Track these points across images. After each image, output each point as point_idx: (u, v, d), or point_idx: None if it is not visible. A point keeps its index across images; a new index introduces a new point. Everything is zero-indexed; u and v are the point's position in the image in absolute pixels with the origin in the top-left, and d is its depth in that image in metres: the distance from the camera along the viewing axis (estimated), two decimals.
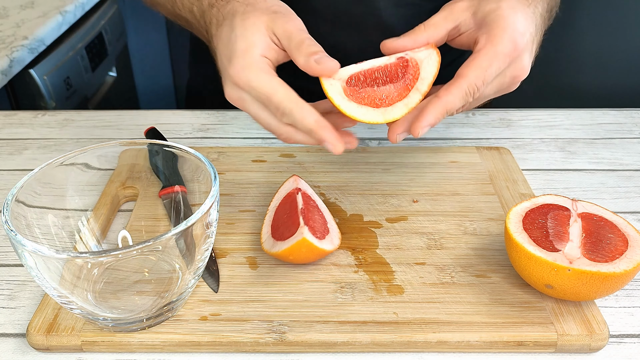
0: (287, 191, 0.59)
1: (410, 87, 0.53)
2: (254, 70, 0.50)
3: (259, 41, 0.51)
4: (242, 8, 0.54)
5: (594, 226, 0.51)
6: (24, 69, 1.16)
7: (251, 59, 0.51)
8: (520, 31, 0.52)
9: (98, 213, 0.59)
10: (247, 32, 0.51)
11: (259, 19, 0.52)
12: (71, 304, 0.46)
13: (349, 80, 0.53)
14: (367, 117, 0.53)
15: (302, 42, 0.51)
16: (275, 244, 0.53)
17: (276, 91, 0.50)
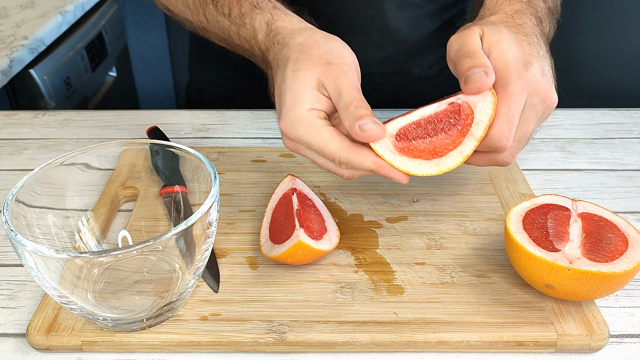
0: (283, 192, 0.59)
1: (464, 133, 0.51)
2: (302, 125, 0.51)
3: (306, 95, 0.51)
4: (295, 55, 0.53)
5: (594, 226, 0.51)
6: (24, 69, 1.16)
7: (299, 115, 0.51)
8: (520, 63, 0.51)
9: (98, 213, 0.59)
10: (296, 86, 0.51)
11: (310, 71, 0.52)
12: (71, 304, 0.46)
13: (398, 135, 0.51)
14: (421, 170, 0.51)
15: (350, 104, 0.49)
16: (273, 248, 0.53)
17: (328, 144, 0.50)
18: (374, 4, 0.82)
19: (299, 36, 0.55)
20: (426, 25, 0.87)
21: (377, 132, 0.49)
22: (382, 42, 0.86)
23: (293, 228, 0.52)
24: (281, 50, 0.55)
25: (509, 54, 0.52)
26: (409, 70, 0.90)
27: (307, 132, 0.51)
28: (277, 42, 0.56)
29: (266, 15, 0.57)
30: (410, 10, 0.84)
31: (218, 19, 0.63)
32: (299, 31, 0.55)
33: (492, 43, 0.52)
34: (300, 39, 0.54)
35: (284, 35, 0.55)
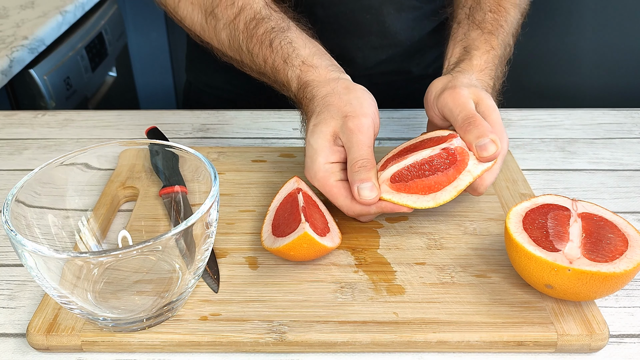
0: (288, 191, 0.59)
1: (459, 171, 0.55)
2: (318, 178, 0.58)
3: (321, 150, 0.57)
4: (319, 109, 0.59)
5: (594, 226, 0.51)
6: (24, 69, 1.16)
7: (316, 168, 0.57)
8: None
9: (98, 213, 0.59)
10: (313, 140, 0.58)
11: (327, 126, 0.57)
12: (71, 304, 0.46)
13: (393, 178, 0.56)
14: (418, 204, 0.55)
15: (355, 163, 0.56)
16: (276, 241, 0.53)
17: (337, 199, 0.57)
18: (372, 9, 0.82)
19: (323, 89, 0.60)
20: (424, 26, 0.87)
21: (370, 200, 0.55)
22: (381, 45, 0.86)
23: (298, 222, 0.52)
24: (309, 104, 0.61)
25: (499, 118, 0.59)
26: (407, 70, 0.90)
27: (320, 185, 0.58)
28: (306, 97, 0.61)
29: (296, 72, 0.62)
30: (408, 13, 0.84)
31: (255, 62, 0.67)
32: (325, 83, 0.61)
33: (490, 107, 0.59)
34: (324, 91, 0.60)
35: (312, 88, 0.61)
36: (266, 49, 0.64)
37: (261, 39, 0.64)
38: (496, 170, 0.58)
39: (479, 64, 0.65)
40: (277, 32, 0.64)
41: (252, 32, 0.65)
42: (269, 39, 0.64)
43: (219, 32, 0.68)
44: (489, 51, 0.67)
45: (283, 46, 0.63)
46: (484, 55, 0.66)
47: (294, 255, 0.53)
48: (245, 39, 0.66)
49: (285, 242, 0.52)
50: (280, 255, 0.54)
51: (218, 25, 0.68)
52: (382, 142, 0.78)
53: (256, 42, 0.65)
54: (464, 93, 0.59)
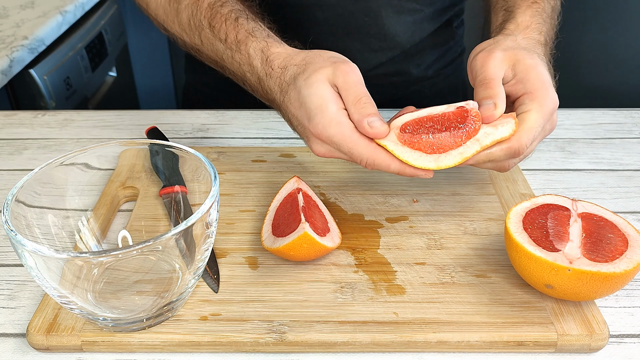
0: (288, 191, 0.59)
1: (470, 136, 0.53)
2: (333, 125, 0.54)
3: (329, 96, 0.54)
4: (301, 69, 0.57)
5: (594, 226, 0.51)
6: (24, 69, 1.16)
7: (329, 115, 0.54)
8: (552, 87, 0.57)
9: (98, 213, 0.59)
10: (314, 90, 0.54)
11: (320, 74, 0.55)
12: (71, 304, 0.46)
13: (403, 127, 0.54)
14: (419, 162, 0.53)
15: (359, 100, 0.53)
16: (276, 240, 0.53)
17: (357, 146, 0.54)
18: (371, 12, 0.82)
19: (298, 56, 0.58)
20: (424, 28, 0.87)
21: (383, 130, 0.53)
22: (381, 48, 0.86)
23: (298, 222, 0.52)
24: (284, 72, 0.58)
25: (544, 76, 0.56)
26: (407, 71, 0.90)
27: (337, 131, 0.54)
28: (276, 67, 0.59)
29: (261, 43, 0.60)
30: (408, 16, 0.84)
31: (213, 42, 0.64)
32: (296, 53, 0.59)
33: (530, 66, 0.56)
34: (298, 58, 0.58)
35: (282, 59, 0.59)
36: (230, 23, 0.62)
37: (225, 16, 0.63)
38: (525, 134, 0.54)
39: (524, 21, 0.63)
40: (242, 12, 0.63)
41: (217, 9, 0.64)
42: (234, 16, 0.63)
43: (180, 14, 0.67)
44: (531, 5, 0.65)
45: (249, 22, 0.62)
46: (528, 10, 0.64)
47: (294, 255, 0.53)
48: (207, 17, 0.64)
49: (285, 242, 0.52)
50: (280, 255, 0.54)
51: (180, 6, 0.67)
52: None
53: (220, 17, 0.63)
54: (496, 56, 0.57)
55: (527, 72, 0.56)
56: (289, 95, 0.57)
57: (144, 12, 0.75)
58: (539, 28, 0.63)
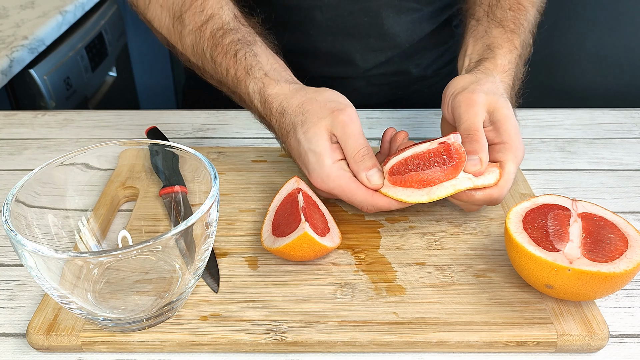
0: (288, 191, 0.59)
1: (457, 170, 0.55)
2: (331, 179, 0.57)
3: (325, 151, 0.57)
4: (299, 118, 0.59)
5: (594, 226, 0.51)
6: (24, 69, 1.16)
7: (326, 171, 0.57)
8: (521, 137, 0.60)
9: (98, 213, 0.59)
10: (313, 146, 0.57)
11: (318, 127, 0.57)
12: (71, 304, 0.46)
13: (391, 171, 0.57)
14: (412, 198, 0.56)
15: (357, 153, 0.57)
16: (276, 240, 0.53)
17: (356, 195, 0.57)
18: (370, 12, 0.82)
19: (294, 100, 0.60)
20: (423, 28, 0.87)
21: (381, 183, 0.57)
22: (380, 47, 0.86)
23: (298, 222, 0.52)
24: (282, 117, 0.60)
25: (516, 127, 0.59)
26: (406, 71, 0.90)
27: (336, 185, 0.57)
28: (275, 111, 0.61)
29: (258, 84, 0.62)
30: (407, 15, 0.84)
31: (217, 71, 0.66)
32: (292, 94, 0.60)
33: (506, 116, 0.59)
34: (295, 101, 0.60)
35: (279, 102, 0.61)
36: (230, 58, 0.64)
37: (226, 49, 0.64)
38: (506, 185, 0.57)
39: (503, 64, 0.65)
40: (242, 44, 0.64)
41: (218, 40, 0.65)
42: (234, 50, 0.64)
43: (184, 38, 0.68)
44: (512, 51, 0.66)
45: (247, 58, 0.63)
46: (508, 55, 0.66)
47: (294, 255, 0.53)
48: (209, 46, 0.65)
49: (285, 242, 0.52)
50: (280, 255, 0.54)
51: (184, 30, 0.68)
52: None
53: (220, 50, 0.64)
54: (479, 101, 0.59)
55: (504, 122, 0.58)
56: (289, 142, 0.60)
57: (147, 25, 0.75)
58: (512, 74, 0.66)
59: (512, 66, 0.66)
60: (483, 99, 0.59)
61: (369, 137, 0.79)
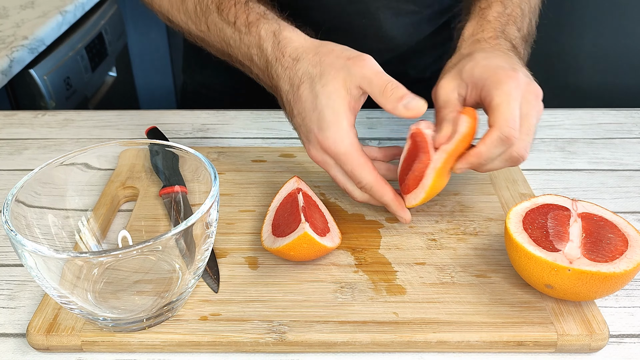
0: (287, 191, 0.59)
1: (427, 151, 0.56)
2: (344, 144, 0.54)
3: (342, 110, 0.54)
4: (318, 69, 0.55)
5: (594, 226, 0.51)
6: (24, 69, 1.16)
7: (342, 132, 0.54)
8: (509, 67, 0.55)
9: (98, 213, 0.59)
10: (331, 102, 0.54)
11: (336, 81, 0.54)
12: (71, 304, 0.46)
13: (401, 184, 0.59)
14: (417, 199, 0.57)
15: (385, 87, 0.53)
16: (276, 240, 0.53)
17: (362, 169, 0.55)
18: (368, 14, 0.82)
19: (310, 50, 0.57)
20: (422, 30, 0.87)
21: (421, 107, 0.53)
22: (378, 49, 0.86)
23: (298, 222, 0.52)
24: (296, 64, 0.57)
25: (492, 64, 0.56)
26: (404, 73, 0.90)
27: (345, 151, 0.54)
28: (288, 55, 0.57)
29: (273, 25, 0.59)
30: (406, 17, 0.84)
31: (221, 27, 0.63)
32: (308, 44, 0.57)
33: (471, 67, 0.56)
34: (311, 52, 0.56)
35: (295, 48, 0.57)
36: (240, 7, 0.61)
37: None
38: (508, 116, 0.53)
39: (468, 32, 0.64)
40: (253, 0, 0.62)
41: None
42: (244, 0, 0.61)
43: (186, 1, 0.66)
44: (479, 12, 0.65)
45: (260, 5, 0.61)
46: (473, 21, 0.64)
47: (294, 255, 0.53)
48: (215, 0, 0.63)
49: (285, 242, 0.52)
50: (280, 255, 0.54)
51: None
52: (381, 142, 0.78)
53: (229, 1, 0.62)
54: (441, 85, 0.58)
55: (472, 73, 0.56)
56: (301, 93, 0.56)
57: (148, 7, 0.74)
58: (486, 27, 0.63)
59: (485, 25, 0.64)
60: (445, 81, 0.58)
61: (369, 137, 0.79)
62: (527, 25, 0.68)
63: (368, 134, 0.79)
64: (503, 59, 0.57)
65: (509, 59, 0.58)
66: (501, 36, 0.62)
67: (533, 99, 0.55)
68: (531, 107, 0.55)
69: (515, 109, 0.53)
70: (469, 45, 0.62)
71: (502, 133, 0.53)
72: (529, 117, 0.55)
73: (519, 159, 0.55)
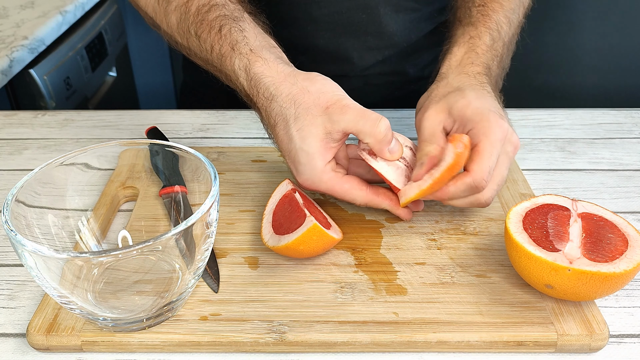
0: (282, 194, 0.59)
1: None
2: (324, 182, 0.57)
3: (318, 153, 0.56)
4: (292, 111, 0.56)
5: (594, 226, 0.51)
6: (24, 69, 1.16)
7: (318, 173, 0.56)
8: (496, 114, 0.57)
9: (98, 213, 0.59)
10: (306, 146, 0.55)
11: (314, 127, 0.55)
12: (71, 304, 0.46)
13: None
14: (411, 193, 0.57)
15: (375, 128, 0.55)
16: (282, 238, 0.53)
17: (351, 194, 0.58)
18: (367, 9, 0.82)
19: (283, 87, 0.57)
20: (422, 27, 0.87)
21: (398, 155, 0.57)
22: (378, 46, 0.86)
23: (302, 218, 0.52)
24: (270, 104, 0.57)
25: (482, 108, 0.57)
26: (403, 71, 0.90)
27: (329, 187, 0.57)
28: (262, 94, 0.58)
29: (243, 60, 0.59)
30: (405, 14, 0.84)
31: (201, 52, 0.64)
32: (282, 80, 0.57)
33: (464, 106, 0.57)
34: (285, 89, 0.56)
35: (266, 86, 0.57)
36: (215, 34, 0.61)
37: (211, 24, 0.61)
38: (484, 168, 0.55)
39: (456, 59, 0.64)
40: (228, 19, 0.61)
41: (204, 16, 0.62)
42: (219, 25, 0.61)
43: (169, 15, 0.66)
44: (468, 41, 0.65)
45: (232, 33, 0.60)
46: (463, 47, 0.65)
47: (303, 249, 0.52)
48: (194, 22, 0.63)
49: (294, 237, 0.51)
50: (287, 253, 0.54)
51: (169, 7, 0.66)
52: None
53: (206, 26, 0.62)
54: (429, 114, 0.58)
55: (463, 112, 0.57)
56: (277, 133, 0.58)
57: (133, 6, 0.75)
58: (475, 61, 0.64)
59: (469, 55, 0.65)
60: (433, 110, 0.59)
61: None
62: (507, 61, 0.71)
63: None
64: (491, 103, 0.59)
65: (495, 103, 0.59)
66: (487, 74, 0.64)
67: (511, 151, 0.58)
68: (507, 158, 0.58)
69: (492, 161, 0.55)
70: (458, 77, 0.62)
71: (474, 181, 0.55)
72: (502, 169, 0.57)
73: (483, 204, 0.58)
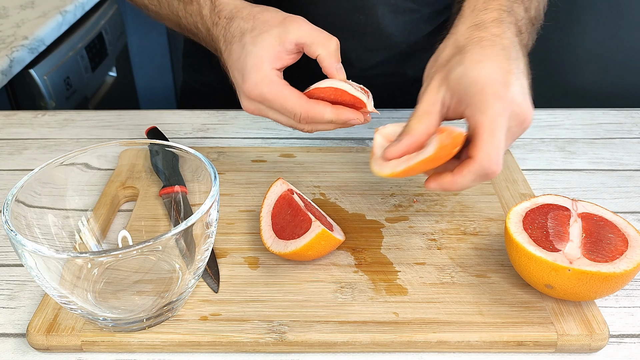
0: (277, 194, 0.59)
1: None
2: (265, 83, 0.55)
3: (267, 56, 0.55)
4: (250, 24, 0.57)
5: (594, 226, 0.51)
6: (24, 69, 1.16)
7: (262, 74, 0.55)
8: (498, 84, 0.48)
9: (98, 213, 0.59)
10: (256, 49, 0.55)
11: (268, 33, 0.56)
12: (71, 304, 0.46)
13: None
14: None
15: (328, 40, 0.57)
16: (289, 244, 0.53)
17: (288, 100, 0.55)
18: (365, 10, 0.82)
19: (245, 9, 0.58)
20: (421, 29, 0.87)
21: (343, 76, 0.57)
22: (377, 47, 0.86)
23: (308, 222, 0.52)
24: (230, 23, 0.58)
25: (482, 75, 0.48)
26: (403, 72, 0.90)
27: (269, 89, 0.55)
28: (223, 17, 0.59)
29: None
30: (404, 15, 0.84)
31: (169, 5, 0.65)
32: (244, 5, 0.59)
33: (460, 76, 0.49)
34: (247, 10, 0.58)
35: (229, 10, 0.59)
36: None
37: None
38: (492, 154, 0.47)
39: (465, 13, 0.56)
40: None
41: None
42: None
43: None
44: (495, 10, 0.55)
45: None
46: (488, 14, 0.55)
47: (310, 254, 0.53)
48: None
49: (303, 243, 0.51)
50: (293, 258, 0.54)
51: None
52: None
53: None
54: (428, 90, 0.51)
55: (459, 84, 0.49)
56: (232, 47, 0.57)
57: None
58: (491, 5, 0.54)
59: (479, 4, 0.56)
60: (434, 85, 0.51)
61: (369, 137, 0.79)
62: (535, 7, 0.61)
63: (368, 134, 0.79)
64: (498, 64, 0.49)
65: (505, 62, 0.50)
66: (506, 19, 0.54)
67: (515, 126, 0.49)
68: (509, 135, 0.49)
69: (498, 140, 0.47)
70: (467, 31, 0.54)
71: (483, 169, 0.47)
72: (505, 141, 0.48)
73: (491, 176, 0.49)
